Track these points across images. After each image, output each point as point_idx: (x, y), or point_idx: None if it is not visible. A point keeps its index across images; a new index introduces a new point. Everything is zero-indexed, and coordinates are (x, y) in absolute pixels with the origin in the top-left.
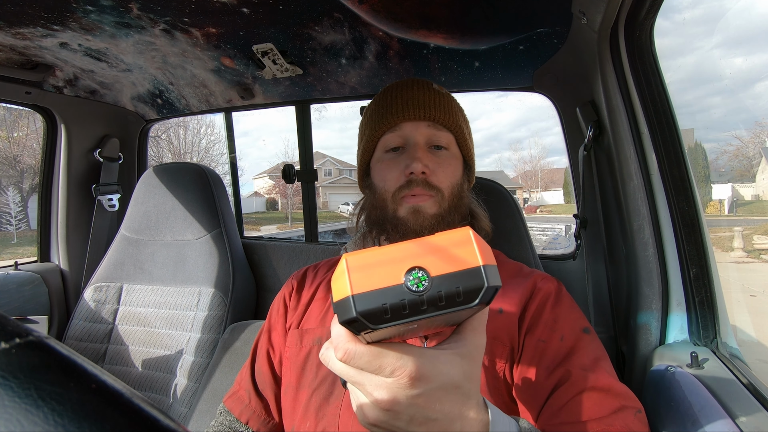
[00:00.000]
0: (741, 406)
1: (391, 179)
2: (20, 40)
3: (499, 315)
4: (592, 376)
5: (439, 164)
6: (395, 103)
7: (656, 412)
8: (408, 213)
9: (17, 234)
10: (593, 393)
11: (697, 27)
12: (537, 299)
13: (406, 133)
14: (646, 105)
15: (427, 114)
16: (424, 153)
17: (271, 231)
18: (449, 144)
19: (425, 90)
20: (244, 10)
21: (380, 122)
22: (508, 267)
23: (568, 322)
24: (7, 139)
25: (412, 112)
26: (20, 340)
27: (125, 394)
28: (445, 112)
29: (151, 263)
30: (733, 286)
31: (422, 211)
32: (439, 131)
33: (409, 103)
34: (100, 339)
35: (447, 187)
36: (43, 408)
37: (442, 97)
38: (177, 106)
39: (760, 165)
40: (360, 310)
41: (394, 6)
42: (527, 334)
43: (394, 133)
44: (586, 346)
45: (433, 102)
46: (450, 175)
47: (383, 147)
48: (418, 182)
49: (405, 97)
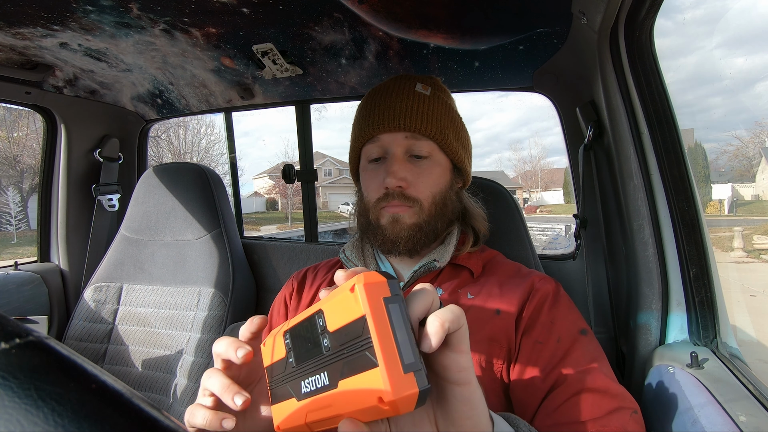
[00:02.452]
0: (741, 406)
1: (372, 190)
2: (20, 40)
3: (497, 316)
4: (588, 378)
5: (418, 174)
6: (373, 113)
7: (656, 412)
8: (387, 222)
9: (17, 234)
10: (589, 394)
11: (698, 27)
12: (535, 300)
13: (385, 144)
14: (646, 105)
15: (404, 124)
16: (400, 165)
17: (271, 231)
18: (431, 152)
19: (404, 95)
20: (244, 10)
21: (360, 132)
22: (506, 267)
23: (565, 323)
24: (7, 139)
25: (388, 124)
26: (20, 341)
27: (125, 394)
28: (424, 120)
29: (151, 263)
30: (733, 286)
31: (400, 220)
32: (419, 140)
33: (386, 114)
34: (100, 339)
35: (427, 197)
36: (43, 408)
37: (424, 101)
38: (177, 106)
39: (760, 165)
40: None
41: (394, 6)
42: (524, 335)
43: (374, 144)
44: (582, 347)
45: (412, 110)
46: (431, 185)
47: (366, 156)
48: (395, 195)
49: (382, 106)
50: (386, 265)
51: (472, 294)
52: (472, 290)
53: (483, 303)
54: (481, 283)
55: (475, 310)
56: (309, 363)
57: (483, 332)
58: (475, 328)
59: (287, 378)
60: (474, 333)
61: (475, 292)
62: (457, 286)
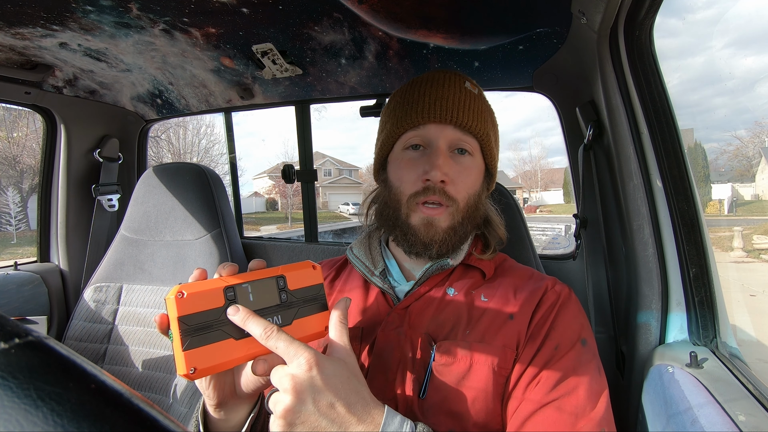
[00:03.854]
0: (740, 405)
1: (408, 182)
2: (20, 40)
3: (511, 321)
4: (566, 396)
5: (459, 172)
6: (422, 101)
7: (656, 412)
8: (420, 223)
9: (17, 234)
10: (555, 412)
11: (699, 27)
12: (544, 306)
13: (430, 134)
14: (646, 105)
15: (455, 118)
16: (445, 160)
17: (270, 231)
18: (474, 150)
19: (456, 89)
20: (243, 10)
21: (403, 119)
22: (520, 272)
23: (567, 331)
24: (6, 139)
25: (438, 114)
26: (19, 341)
27: (125, 394)
28: (474, 117)
29: (150, 263)
30: (732, 286)
31: (435, 224)
32: (465, 136)
33: (437, 104)
34: (99, 339)
35: (464, 197)
36: (42, 408)
37: (474, 98)
38: (177, 106)
39: (759, 165)
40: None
41: (394, 6)
42: (529, 340)
43: (417, 132)
44: (577, 358)
45: (463, 104)
46: (469, 185)
47: (403, 144)
48: (435, 190)
49: (433, 95)
50: (392, 263)
51: (486, 297)
52: (486, 293)
53: (497, 307)
54: (494, 286)
55: (490, 315)
56: (262, 310)
57: (497, 339)
58: (490, 333)
59: (223, 323)
60: (488, 339)
61: (489, 294)
62: (470, 287)
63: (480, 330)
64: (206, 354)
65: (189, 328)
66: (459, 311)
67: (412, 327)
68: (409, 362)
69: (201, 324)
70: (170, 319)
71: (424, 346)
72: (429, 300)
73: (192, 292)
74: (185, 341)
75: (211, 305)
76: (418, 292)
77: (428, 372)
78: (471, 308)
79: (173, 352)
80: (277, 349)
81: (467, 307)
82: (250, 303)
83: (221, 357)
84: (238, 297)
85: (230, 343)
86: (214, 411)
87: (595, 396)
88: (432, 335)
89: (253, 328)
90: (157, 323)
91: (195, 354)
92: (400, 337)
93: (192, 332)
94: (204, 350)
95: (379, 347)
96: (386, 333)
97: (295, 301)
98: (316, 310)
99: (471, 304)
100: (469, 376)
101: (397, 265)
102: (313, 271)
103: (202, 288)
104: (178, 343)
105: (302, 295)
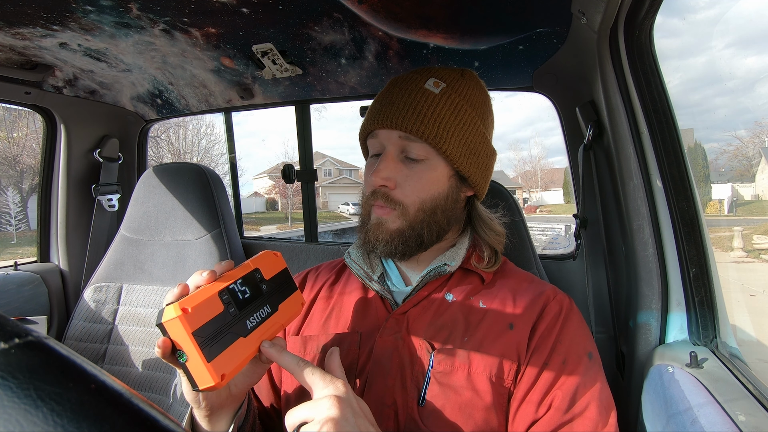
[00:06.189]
0: (740, 405)
1: (367, 184)
2: (20, 40)
3: (510, 331)
4: (580, 418)
5: (407, 176)
6: (374, 107)
7: (655, 412)
8: (373, 222)
9: (17, 234)
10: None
11: (699, 27)
12: (548, 318)
13: (382, 140)
14: (646, 105)
15: (398, 123)
16: (388, 165)
17: (270, 231)
18: (426, 156)
19: (410, 90)
20: (243, 10)
21: (364, 126)
22: (518, 277)
23: (573, 345)
24: (6, 139)
25: (383, 120)
26: (19, 341)
27: (125, 394)
28: (422, 121)
29: (150, 263)
30: (732, 286)
31: (383, 224)
32: (413, 142)
33: (384, 109)
34: (99, 339)
35: (413, 201)
36: (42, 408)
37: (427, 100)
38: (177, 106)
39: (759, 165)
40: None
41: (394, 6)
42: (533, 353)
43: (374, 139)
44: (585, 372)
45: (410, 108)
46: (419, 190)
47: (370, 150)
48: (379, 195)
49: (384, 100)
50: (391, 266)
51: (484, 303)
52: (485, 299)
53: (496, 314)
54: (493, 292)
55: (489, 322)
56: (253, 303)
57: (495, 347)
58: (488, 341)
59: (230, 325)
60: (486, 346)
61: (487, 301)
62: (469, 292)
63: (478, 338)
64: (227, 358)
65: (204, 339)
66: (457, 317)
67: (411, 332)
68: (407, 368)
69: (212, 332)
70: (177, 341)
71: (422, 353)
72: (427, 305)
73: (194, 305)
74: (206, 353)
75: (214, 312)
76: (417, 297)
77: (427, 379)
78: (469, 314)
79: (186, 370)
80: (314, 375)
81: (465, 313)
82: (245, 300)
83: (239, 356)
84: (232, 298)
85: (241, 341)
86: (204, 420)
87: (606, 413)
88: (430, 342)
89: (287, 360)
90: (159, 352)
91: (218, 362)
92: (398, 343)
93: (208, 343)
94: (224, 355)
95: (378, 353)
96: (385, 338)
97: (274, 288)
98: (290, 292)
99: (469, 310)
100: (467, 385)
101: (396, 269)
102: (276, 258)
103: (200, 299)
104: (198, 358)
105: (277, 282)
